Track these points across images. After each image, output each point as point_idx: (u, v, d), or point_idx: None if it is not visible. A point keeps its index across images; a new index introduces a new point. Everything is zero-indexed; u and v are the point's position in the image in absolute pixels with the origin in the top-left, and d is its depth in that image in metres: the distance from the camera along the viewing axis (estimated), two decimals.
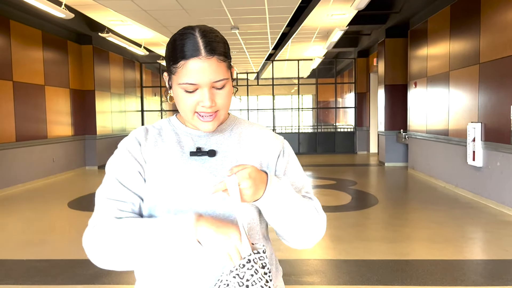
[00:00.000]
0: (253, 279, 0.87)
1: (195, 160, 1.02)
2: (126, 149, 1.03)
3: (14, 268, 3.73)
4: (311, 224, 1.02)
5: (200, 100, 0.97)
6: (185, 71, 0.95)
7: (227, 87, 0.99)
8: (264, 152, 1.07)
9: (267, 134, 1.11)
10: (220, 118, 1.01)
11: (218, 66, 0.96)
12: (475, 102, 6.28)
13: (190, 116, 1.00)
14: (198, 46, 0.94)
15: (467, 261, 3.85)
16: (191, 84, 0.95)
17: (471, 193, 6.39)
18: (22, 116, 8.02)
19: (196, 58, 0.94)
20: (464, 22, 6.62)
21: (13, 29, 7.77)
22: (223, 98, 0.99)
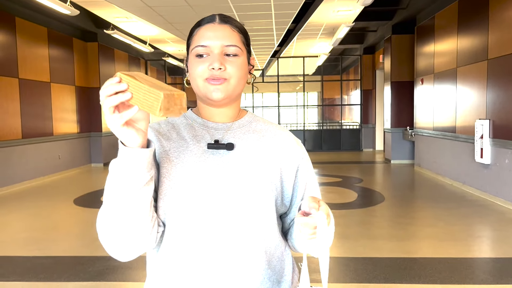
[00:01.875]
0: None
1: (212, 154, 0.99)
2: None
3: (20, 265, 3.73)
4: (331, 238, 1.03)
5: (210, 62, 0.95)
6: (198, 36, 0.98)
7: (240, 59, 0.98)
8: (284, 155, 1.04)
9: (287, 136, 1.08)
10: (230, 89, 0.97)
11: (231, 32, 0.98)
12: (483, 98, 6.21)
13: (201, 83, 0.97)
14: (214, 16, 1.00)
15: (475, 259, 3.81)
16: (202, 46, 0.96)
17: (479, 191, 6.33)
18: (28, 113, 8.04)
19: (210, 23, 0.98)
20: (472, 18, 6.54)
21: (18, 26, 7.78)
22: (234, 66, 0.96)
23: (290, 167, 1.04)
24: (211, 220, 0.94)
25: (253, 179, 0.97)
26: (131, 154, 0.83)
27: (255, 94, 15.30)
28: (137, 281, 3.32)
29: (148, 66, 14.07)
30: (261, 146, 1.03)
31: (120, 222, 0.86)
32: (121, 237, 0.87)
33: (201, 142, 1.00)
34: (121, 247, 0.89)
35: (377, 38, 11.77)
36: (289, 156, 1.05)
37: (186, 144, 0.99)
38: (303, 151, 1.09)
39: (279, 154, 1.03)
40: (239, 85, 0.99)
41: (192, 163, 0.97)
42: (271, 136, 1.06)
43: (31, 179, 8.08)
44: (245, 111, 1.09)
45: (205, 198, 0.94)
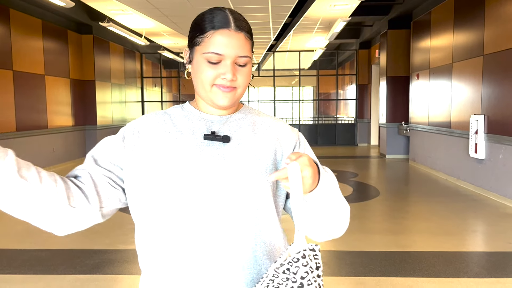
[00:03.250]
0: (308, 277, 0.78)
1: (208, 146, 0.99)
2: (117, 136, 1.03)
3: (15, 258, 3.72)
4: (346, 215, 1.02)
5: (222, 72, 0.95)
6: (212, 40, 0.95)
7: (248, 67, 0.99)
8: (279, 143, 1.05)
9: (282, 125, 1.09)
10: (236, 96, 0.99)
11: (245, 42, 0.97)
12: (478, 94, 6.24)
13: (208, 88, 0.97)
14: (228, 19, 0.96)
15: (469, 253, 3.85)
16: (217, 54, 0.95)
17: (473, 186, 6.38)
18: (23, 106, 7.98)
19: (226, 29, 0.95)
20: (468, 14, 6.56)
21: (13, 18, 7.70)
22: (244, 76, 0.98)
23: (285, 152, 1.05)
24: (206, 211, 0.94)
25: (248, 171, 0.97)
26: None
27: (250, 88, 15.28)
28: (134, 274, 3.32)
29: (143, 59, 14.00)
30: (256, 137, 1.03)
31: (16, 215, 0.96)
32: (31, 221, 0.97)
33: (197, 133, 1.00)
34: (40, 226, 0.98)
35: (373, 33, 11.77)
36: (283, 141, 1.05)
37: (181, 135, 0.99)
38: (299, 136, 1.09)
39: (272, 141, 1.04)
40: (244, 90, 1.01)
41: (187, 154, 0.96)
42: (265, 127, 1.06)
43: None
44: (241, 104, 1.10)
45: (199, 190, 0.94)
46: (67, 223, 0.95)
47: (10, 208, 0.91)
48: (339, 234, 1.05)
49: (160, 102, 15.06)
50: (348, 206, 1.04)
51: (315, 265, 0.81)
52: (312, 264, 0.80)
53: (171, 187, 0.94)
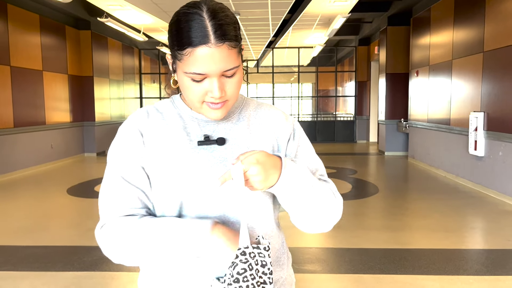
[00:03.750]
0: (245, 274, 0.79)
1: (203, 148, 0.95)
2: (127, 142, 0.95)
3: (13, 255, 3.70)
4: (329, 208, 0.97)
5: (209, 89, 0.89)
6: (192, 59, 0.86)
7: (238, 75, 0.91)
8: (274, 135, 1.02)
9: (277, 115, 1.04)
10: (229, 106, 0.94)
11: (228, 53, 0.87)
12: (478, 91, 6.22)
13: (198, 105, 0.93)
14: (206, 32, 0.84)
15: (469, 250, 3.83)
16: (199, 74, 0.87)
17: (472, 183, 6.37)
18: (20, 102, 7.94)
19: (205, 45, 0.84)
20: (469, 10, 6.53)
21: (10, 13, 7.65)
22: (233, 87, 0.91)
23: (280, 143, 1.02)
24: (203, 213, 0.93)
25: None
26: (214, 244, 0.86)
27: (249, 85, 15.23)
28: (132, 271, 3.30)
29: (141, 55, 13.94)
30: (251, 135, 0.99)
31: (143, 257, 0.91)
32: (137, 261, 0.93)
33: (191, 135, 0.96)
34: (130, 263, 0.93)
35: (372, 30, 11.73)
36: (278, 132, 1.02)
37: (176, 137, 0.95)
38: (294, 126, 1.05)
39: (268, 135, 1.01)
40: (237, 96, 0.96)
41: (183, 158, 0.93)
42: (260, 122, 1.02)
43: (23, 168, 8.01)
44: None
45: (196, 195, 0.92)
46: None
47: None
48: (327, 227, 1.00)
49: (159, 98, 15.02)
50: (338, 198, 1.00)
51: (259, 262, 0.81)
52: (253, 262, 0.81)
53: (167, 194, 0.93)
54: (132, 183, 0.92)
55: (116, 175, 0.93)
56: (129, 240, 0.88)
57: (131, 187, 0.92)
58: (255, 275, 0.80)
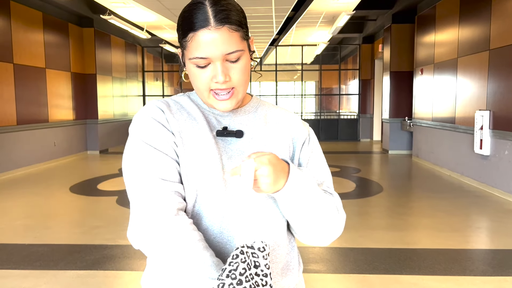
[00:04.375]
0: (246, 274, 0.77)
1: (221, 140, 0.94)
2: (152, 118, 0.92)
3: (15, 253, 3.68)
4: (330, 222, 0.94)
5: (213, 75, 0.88)
6: (194, 44, 0.87)
7: (243, 60, 0.90)
8: (290, 136, 1.00)
9: (294, 118, 1.04)
10: (239, 96, 0.93)
11: (230, 36, 0.87)
12: (483, 89, 6.16)
13: (206, 94, 0.92)
14: (207, 16, 0.86)
15: (475, 250, 3.79)
16: (202, 58, 0.87)
17: (477, 182, 6.32)
18: (23, 99, 7.93)
19: (205, 28, 0.86)
20: (474, 8, 6.47)
21: (13, 10, 7.63)
22: (239, 73, 0.90)
23: (295, 146, 1.01)
24: (219, 207, 0.91)
25: None
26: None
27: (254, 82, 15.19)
28: (135, 270, 3.28)
29: (144, 53, 13.92)
30: (268, 131, 0.98)
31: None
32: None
33: (209, 125, 0.95)
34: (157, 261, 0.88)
35: (376, 27, 11.67)
36: (294, 135, 1.01)
37: (197, 125, 0.94)
38: (309, 132, 1.04)
39: (284, 134, 1.00)
40: (246, 84, 0.94)
41: (201, 147, 0.92)
42: (277, 121, 1.01)
43: (26, 166, 8.00)
44: (250, 96, 1.04)
45: (210, 187, 0.90)
46: None
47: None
48: (325, 241, 0.97)
49: (162, 96, 14.98)
50: (341, 214, 0.97)
51: (253, 263, 0.79)
52: (250, 261, 0.79)
53: (186, 176, 0.91)
54: (167, 154, 0.89)
55: (147, 147, 0.89)
56: (164, 256, 0.85)
57: (167, 157, 0.89)
58: (253, 275, 0.79)
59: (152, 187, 0.86)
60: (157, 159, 0.88)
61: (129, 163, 0.89)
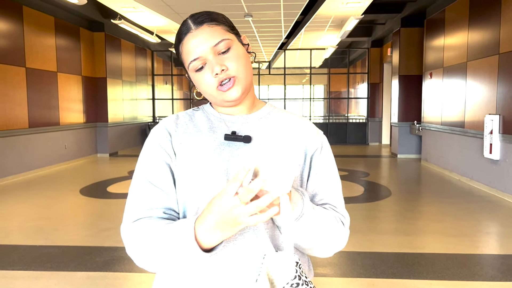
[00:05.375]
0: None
1: (228, 146, 0.96)
2: (155, 142, 0.98)
3: (27, 254, 3.73)
4: (333, 245, 0.99)
5: (212, 71, 0.92)
6: (185, 51, 0.94)
7: (235, 49, 0.94)
8: (303, 144, 1.01)
9: (307, 125, 1.04)
10: (243, 83, 0.95)
11: (211, 30, 0.93)
12: (493, 93, 6.13)
13: (215, 93, 0.95)
14: (188, 25, 0.95)
15: (484, 255, 3.77)
16: (195, 59, 0.93)
17: (487, 187, 6.28)
18: (35, 103, 8.04)
19: (188, 34, 0.94)
20: (484, 11, 6.44)
21: (26, 15, 7.75)
22: (233, 60, 0.93)
23: (307, 153, 1.01)
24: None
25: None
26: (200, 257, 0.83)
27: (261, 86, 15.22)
28: (144, 272, 3.31)
29: (154, 57, 14.03)
30: (279, 139, 0.99)
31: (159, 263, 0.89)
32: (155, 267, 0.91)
33: (217, 133, 0.97)
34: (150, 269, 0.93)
35: (385, 31, 11.65)
36: (306, 142, 1.01)
37: (202, 135, 0.97)
38: (322, 140, 1.04)
39: (298, 146, 1.00)
40: (248, 74, 0.96)
41: (207, 154, 0.94)
42: (289, 127, 1.02)
43: (38, 168, 8.10)
44: (263, 102, 1.06)
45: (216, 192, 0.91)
46: None
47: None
48: (328, 255, 1.03)
49: (171, 99, 15.09)
50: (346, 230, 1.00)
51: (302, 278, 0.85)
52: (301, 281, 0.85)
53: (192, 188, 0.93)
54: (154, 184, 0.94)
55: (140, 175, 0.97)
56: (142, 246, 0.89)
57: (152, 188, 0.94)
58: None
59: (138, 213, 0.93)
60: (148, 192, 0.94)
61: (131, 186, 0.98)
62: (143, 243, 0.88)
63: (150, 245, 0.87)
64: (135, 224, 0.91)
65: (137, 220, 0.91)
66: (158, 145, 0.97)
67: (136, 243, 0.89)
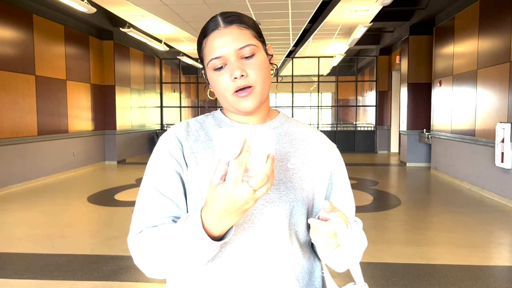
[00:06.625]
0: None
1: None
2: (164, 150, 0.94)
3: (34, 263, 3.72)
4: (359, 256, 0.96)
5: (231, 74, 0.89)
6: (209, 48, 0.91)
7: (259, 57, 0.91)
8: (318, 160, 0.98)
9: (321, 138, 1.02)
10: (258, 96, 0.91)
11: (240, 32, 0.90)
12: (505, 101, 6.05)
13: (229, 98, 0.91)
14: (217, 21, 0.92)
15: (497, 267, 3.69)
16: (217, 58, 0.89)
17: (499, 196, 6.17)
18: (44, 110, 8.09)
19: (216, 30, 0.90)
20: (494, 19, 6.38)
21: (36, 24, 7.83)
22: (254, 68, 0.89)
23: (324, 174, 0.98)
24: (239, 226, 0.88)
25: (280, 187, 0.91)
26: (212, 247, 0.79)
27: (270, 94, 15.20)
28: (151, 281, 3.27)
29: (162, 65, 14.10)
30: (293, 148, 0.96)
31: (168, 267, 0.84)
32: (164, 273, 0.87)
33: None
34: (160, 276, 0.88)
35: (393, 39, 11.61)
36: (323, 161, 0.98)
37: (212, 145, 0.94)
38: (339, 156, 1.02)
39: (312, 159, 0.97)
40: (266, 86, 0.93)
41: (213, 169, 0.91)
42: (304, 139, 0.99)
43: (46, 175, 8.13)
44: (276, 112, 1.03)
45: None
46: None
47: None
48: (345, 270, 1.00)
49: (179, 107, 15.13)
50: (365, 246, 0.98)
51: None
52: None
53: (202, 196, 0.90)
54: (162, 193, 0.90)
55: (148, 184, 0.93)
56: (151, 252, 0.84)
57: (161, 197, 0.90)
58: None
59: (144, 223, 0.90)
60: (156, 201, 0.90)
61: (136, 199, 0.94)
62: (150, 249, 0.84)
63: (158, 247, 0.82)
64: (141, 234, 0.87)
65: (143, 230, 0.88)
66: (167, 153, 0.93)
67: (143, 251, 0.85)
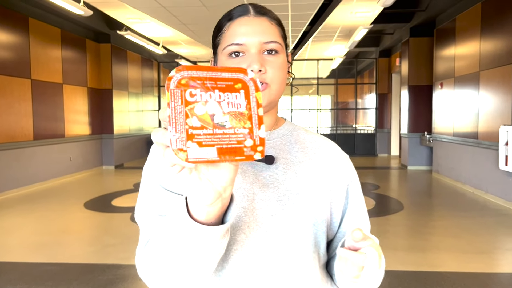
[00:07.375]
0: None
1: (251, 167, 0.82)
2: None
3: (28, 272, 3.60)
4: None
5: (248, 64, 0.77)
6: (231, 32, 0.80)
7: (281, 57, 0.81)
8: (334, 172, 0.88)
9: (335, 150, 0.92)
10: (272, 96, 0.81)
11: (270, 26, 0.81)
12: (508, 103, 5.96)
13: None
14: (247, 8, 0.83)
15: (506, 274, 3.58)
16: (237, 44, 0.78)
17: (502, 200, 6.07)
18: (40, 115, 7.97)
19: (244, 16, 0.81)
20: (496, 20, 6.30)
21: (32, 27, 7.72)
22: (275, 68, 0.80)
23: (340, 187, 0.88)
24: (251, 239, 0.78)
25: (298, 201, 0.81)
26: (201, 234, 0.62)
27: None
28: None
29: (160, 68, 14.00)
30: (306, 160, 0.86)
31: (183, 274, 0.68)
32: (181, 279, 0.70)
33: None
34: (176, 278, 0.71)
35: (393, 41, 11.53)
36: (339, 173, 0.88)
37: None
38: (353, 168, 0.93)
39: (327, 170, 0.87)
40: (281, 89, 0.83)
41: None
42: (316, 147, 0.89)
43: (42, 181, 8.00)
44: (283, 120, 0.93)
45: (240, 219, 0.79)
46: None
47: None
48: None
49: None
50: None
51: None
52: None
53: None
54: (167, 188, 0.79)
55: (150, 183, 0.81)
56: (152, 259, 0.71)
57: (166, 193, 0.79)
58: None
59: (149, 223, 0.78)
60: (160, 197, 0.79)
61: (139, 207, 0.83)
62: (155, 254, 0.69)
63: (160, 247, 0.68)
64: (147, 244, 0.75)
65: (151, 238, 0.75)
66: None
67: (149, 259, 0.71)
